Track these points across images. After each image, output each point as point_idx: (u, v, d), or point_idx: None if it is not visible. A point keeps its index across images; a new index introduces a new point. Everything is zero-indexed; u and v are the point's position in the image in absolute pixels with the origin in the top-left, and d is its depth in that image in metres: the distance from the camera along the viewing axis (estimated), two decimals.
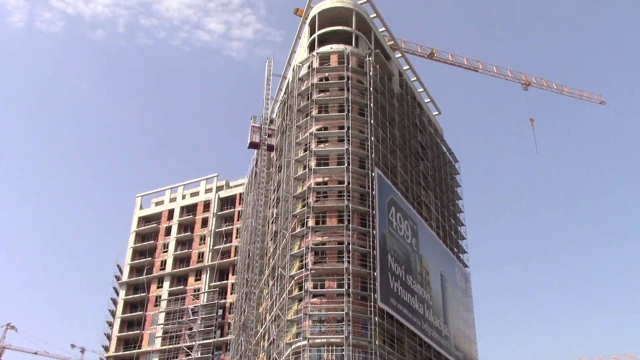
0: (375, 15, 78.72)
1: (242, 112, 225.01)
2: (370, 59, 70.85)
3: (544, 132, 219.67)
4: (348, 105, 65.13)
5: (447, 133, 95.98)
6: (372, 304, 54.87)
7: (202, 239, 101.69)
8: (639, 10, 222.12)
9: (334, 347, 52.22)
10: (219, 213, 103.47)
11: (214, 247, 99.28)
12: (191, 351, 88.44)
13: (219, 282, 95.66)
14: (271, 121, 77.54)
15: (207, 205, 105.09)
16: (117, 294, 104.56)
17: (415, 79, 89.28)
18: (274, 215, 70.12)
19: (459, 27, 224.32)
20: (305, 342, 52.71)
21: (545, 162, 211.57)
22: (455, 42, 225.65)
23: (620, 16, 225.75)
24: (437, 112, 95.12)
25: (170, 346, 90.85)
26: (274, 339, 59.43)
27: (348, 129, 63.31)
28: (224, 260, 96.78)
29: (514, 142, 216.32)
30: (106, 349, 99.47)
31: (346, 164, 61.03)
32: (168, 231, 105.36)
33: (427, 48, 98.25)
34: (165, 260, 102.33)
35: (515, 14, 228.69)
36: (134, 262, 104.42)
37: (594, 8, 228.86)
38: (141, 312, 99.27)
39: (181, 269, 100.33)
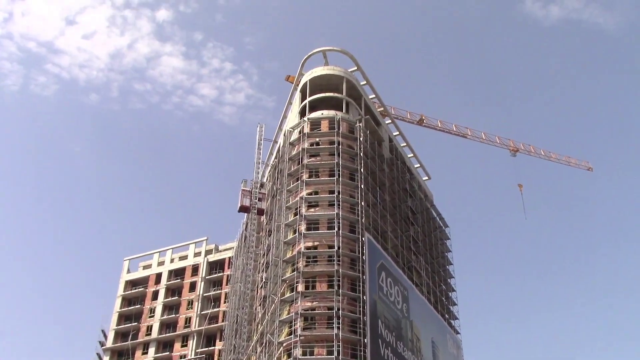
0: (365, 82, 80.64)
1: (233, 175, 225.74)
2: (361, 124, 72.02)
3: (532, 197, 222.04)
4: (338, 170, 65.70)
5: (437, 198, 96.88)
6: None
7: (190, 303, 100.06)
8: (626, 77, 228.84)
9: None
10: (207, 277, 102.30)
11: (202, 312, 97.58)
12: None
13: (206, 349, 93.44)
14: (262, 185, 77.85)
15: (195, 269, 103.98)
16: None
17: (405, 144, 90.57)
18: (263, 280, 69.37)
19: (448, 94, 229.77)
20: None
21: (534, 227, 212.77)
22: (444, 108, 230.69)
23: (607, 83, 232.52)
24: (426, 178, 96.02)
25: None
26: None
27: (338, 193, 63.61)
28: (212, 326, 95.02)
29: (503, 207, 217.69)
30: None
31: (336, 229, 60.85)
32: (155, 295, 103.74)
33: (416, 114, 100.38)
34: (152, 326, 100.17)
35: (503, 82, 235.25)
36: (119, 327, 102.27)
37: (581, 76, 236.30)
38: None
39: (167, 335, 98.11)
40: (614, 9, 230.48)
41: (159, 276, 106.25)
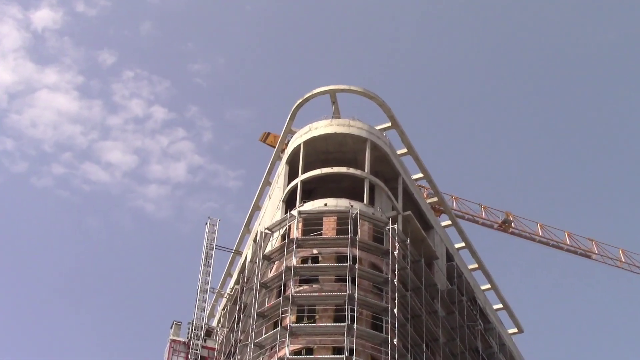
0: (406, 150, 79.99)
1: (155, 313, 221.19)
2: (395, 227, 70.32)
3: None
4: (352, 310, 63.43)
5: None
6: None
7: None
8: None
9: None
10: None
11: None
12: None
13: None
14: (208, 333, 76.96)
15: None
16: None
17: (476, 265, 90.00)
18: None
19: (551, 180, 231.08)
20: None
21: None
22: (546, 203, 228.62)
23: None
24: (516, 330, 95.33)
25: None
26: None
27: (351, 353, 61.05)
28: None
29: None
30: None
31: None
32: None
33: (497, 212, 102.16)
34: None
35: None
36: None
37: None
38: None
39: None
40: None
41: None
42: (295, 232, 70.27)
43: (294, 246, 69.01)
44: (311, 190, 75.27)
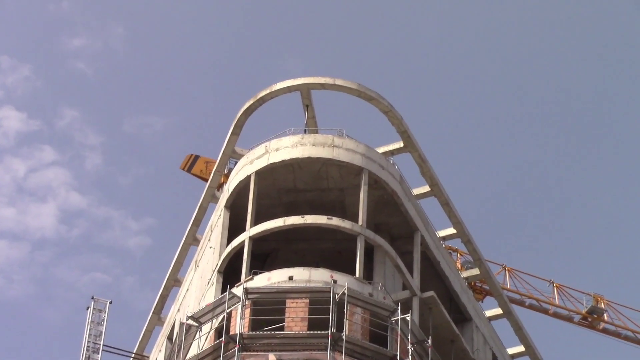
0: (428, 188, 72.69)
1: None
2: (408, 317, 61.99)
3: None
4: None
5: None
6: None
7: None
8: None
9: None
10: None
11: None
12: None
13: None
14: None
15: None
16: None
17: None
18: None
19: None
20: None
21: None
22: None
23: None
24: None
25: None
26: None
27: None
28: None
29: None
30: None
31: None
32: None
33: (579, 294, 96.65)
34: None
35: None
36: None
37: None
38: None
39: None
40: None
41: None
42: (240, 325, 62.04)
43: (237, 348, 60.44)
44: (267, 253, 69.47)
